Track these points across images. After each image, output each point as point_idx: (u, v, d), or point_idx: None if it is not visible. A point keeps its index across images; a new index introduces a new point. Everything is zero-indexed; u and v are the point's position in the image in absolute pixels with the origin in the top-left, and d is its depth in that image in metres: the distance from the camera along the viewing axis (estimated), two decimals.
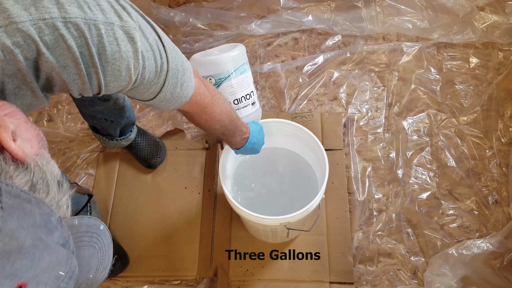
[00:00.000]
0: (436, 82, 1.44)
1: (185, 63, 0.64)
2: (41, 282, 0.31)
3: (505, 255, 1.09)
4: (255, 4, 1.57)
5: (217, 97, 0.76)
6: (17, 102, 0.48)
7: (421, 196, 1.27)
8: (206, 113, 0.74)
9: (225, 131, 0.84)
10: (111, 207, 1.30)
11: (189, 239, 1.25)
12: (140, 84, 0.56)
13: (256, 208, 0.93)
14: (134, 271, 1.22)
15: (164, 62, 0.57)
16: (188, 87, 0.65)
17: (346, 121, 1.40)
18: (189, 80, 0.65)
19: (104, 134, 1.24)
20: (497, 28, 1.47)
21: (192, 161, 1.36)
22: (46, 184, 0.37)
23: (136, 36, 0.50)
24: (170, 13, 1.54)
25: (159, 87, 0.60)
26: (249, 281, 1.17)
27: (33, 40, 0.43)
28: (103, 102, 1.07)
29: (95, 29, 0.46)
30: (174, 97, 0.64)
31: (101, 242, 0.45)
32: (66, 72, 0.47)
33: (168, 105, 0.66)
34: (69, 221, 0.42)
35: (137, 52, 0.51)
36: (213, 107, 0.75)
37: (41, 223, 0.33)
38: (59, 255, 0.33)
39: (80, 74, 0.48)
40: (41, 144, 0.41)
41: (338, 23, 1.54)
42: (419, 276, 1.17)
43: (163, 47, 0.57)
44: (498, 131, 1.35)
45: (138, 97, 0.62)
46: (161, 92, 0.61)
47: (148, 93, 0.60)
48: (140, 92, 0.59)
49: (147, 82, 0.57)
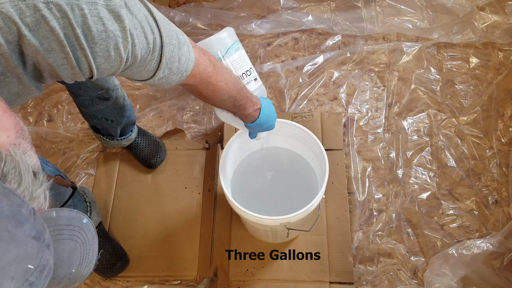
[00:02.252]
0: (436, 82, 1.44)
1: (180, 36, 0.62)
2: (6, 275, 0.30)
3: (505, 255, 1.09)
4: (255, 4, 1.57)
5: (220, 66, 0.74)
6: (3, 90, 0.47)
7: (421, 196, 1.27)
8: (211, 83, 0.72)
9: (235, 102, 0.81)
10: (111, 207, 1.30)
11: (189, 239, 1.25)
12: (133, 63, 0.55)
13: (256, 208, 0.93)
14: (134, 271, 1.22)
15: (157, 38, 0.56)
16: (188, 60, 0.64)
17: (346, 121, 1.40)
18: (187, 53, 0.63)
19: (105, 134, 1.24)
20: (497, 28, 1.47)
21: (192, 161, 1.36)
22: (19, 175, 0.35)
23: (122, 14, 0.49)
24: (170, 13, 1.54)
25: (155, 64, 0.58)
26: (249, 281, 1.17)
27: (13, 21, 0.42)
28: (103, 102, 1.07)
29: (78, 9, 0.45)
30: (174, 72, 0.63)
31: (84, 236, 0.44)
32: (52, 56, 0.46)
33: (169, 81, 0.64)
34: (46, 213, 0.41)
35: (125, 30, 0.49)
36: (217, 76, 0.73)
37: (9, 214, 0.31)
38: (28, 248, 0.32)
39: (68, 57, 0.47)
40: (19, 134, 0.40)
41: (338, 23, 1.54)
42: (419, 276, 1.17)
43: (154, 22, 0.55)
44: (498, 131, 1.35)
45: (136, 77, 0.60)
46: (158, 69, 0.59)
47: (145, 71, 0.58)
48: (136, 72, 0.58)
49: (141, 60, 0.55)
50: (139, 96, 1.48)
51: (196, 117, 1.45)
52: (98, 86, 1.02)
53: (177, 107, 1.46)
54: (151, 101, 1.48)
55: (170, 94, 1.48)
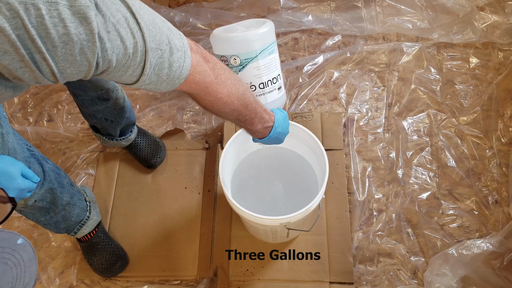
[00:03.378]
0: (436, 82, 1.44)
1: (175, 41, 0.58)
2: None
3: (505, 255, 1.09)
4: (255, 4, 1.57)
5: (223, 77, 0.68)
6: None
7: (421, 196, 1.27)
8: (210, 94, 0.67)
9: (239, 116, 0.75)
10: (111, 207, 1.30)
11: (189, 239, 1.25)
12: (108, 67, 0.51)
13: (256, 208, 0.93)
14: (134, 271, 1.22)
15: (139, 42, 0.51)
16: (181, 67, 0.59)
17: (346, 121, 1.40)
18: (180, 60, 0.59)
19: (104, 133, 1.24)
20: (497, 28, 1.47)
21: (192, 161, 1.36)
22: None
23: (89, 16, 0.44)
24: (170, 13, 1.54)
25: (139, 69, 0.54)
26: (249, 281, 1.17)
27: None
28: (103, 102, 1.07)
29: (34, 9, 0.41)
30: (163, 79, 0.58)
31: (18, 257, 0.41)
32: (7, 58, 0.43)
33: (159, 87, 0.60)
34: None
35: (92, 33, 0.45)
36: (218, 87, 0.67)
37: None
38: None
39: (24, 60, 0.43)
40: None
41: (338, 23, 1.54)
42: (419, 276, 1.17)
43: (137, 25, 0.51)
44: (498, 131, 1.35)
45: (118, 80, 0.56)
46: (142, 75, 0.55)
47: (126, 76, 0.54)
48: (116, 76, 0.54)
49: (118, 65, 0.51)
50: (139, 96, 1.48)
51: (196, 117, 1.45)
52: (98, 86, 1.02)
53: (177, 107, 1.46)
54: (151, 101, 1.48)
55: (170, 94, 1.48)
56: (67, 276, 1.22)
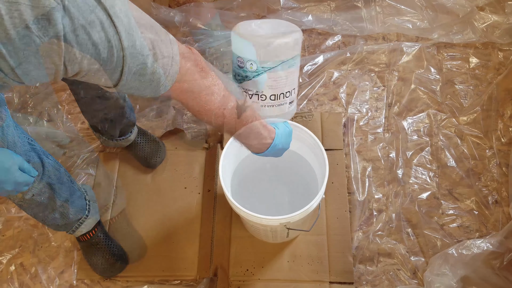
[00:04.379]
0: (436, 82, 1.44)
1: (160, 46, 0.55)
2: None
3: (505, 255, 1.09)
4: (255, 4, 1.57)
5: (216, 88, 0.65)
6: None
7: (421, 196, 1.27)
8: (198, 105, 0.64)
9: (231, 129, 0.72)
10: (111, 207, 1.30)
11: (189, 239, 1.25)
12: (80, 71, 0.48)
13: (256, 208, 0.93)
14: (134, 271, 1.22)
15: (115, 46, 0.49)
16: (167, 74, 0.57)
17: (346, 121, 1.40)
18: (166, 66, 0.56)
19: (104, 133, 1.24)
20: (497, 28, 1.47)
21: (192, 161, 1.36)
22: None
23: (55, 17, 0.42)
24: (170, 13, 1.54)
25: (116, 74, 0.52)
26: (249, 281, 1.17)
27: None
28: (103, 101, 1.07)
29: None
30: (145, 85, 0.56)
31: None
32: None
33: (142, 93, 0.58)
34: None
35: (58, 36, 0.43)
36: (207, 98, 0.64)
37: None
38: None
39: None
40: None
41: (338, 23, 1.54)
42: (419, 276, 1.17)
43: (114, 29, 0.48)
44: (498, 131, 1.35)
45: (97, 83, 0.54)
46: (121, 79, 0.53)
47: (104, 80, 0.52)
48: (92, 79, 0.52)
49: (91, 69, 0.49)
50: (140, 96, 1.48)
51: None
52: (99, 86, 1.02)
53: (177, 107, 1.46)
54: (151, 101, 1.48)
55: None
56: (67, 276, 1.22)
